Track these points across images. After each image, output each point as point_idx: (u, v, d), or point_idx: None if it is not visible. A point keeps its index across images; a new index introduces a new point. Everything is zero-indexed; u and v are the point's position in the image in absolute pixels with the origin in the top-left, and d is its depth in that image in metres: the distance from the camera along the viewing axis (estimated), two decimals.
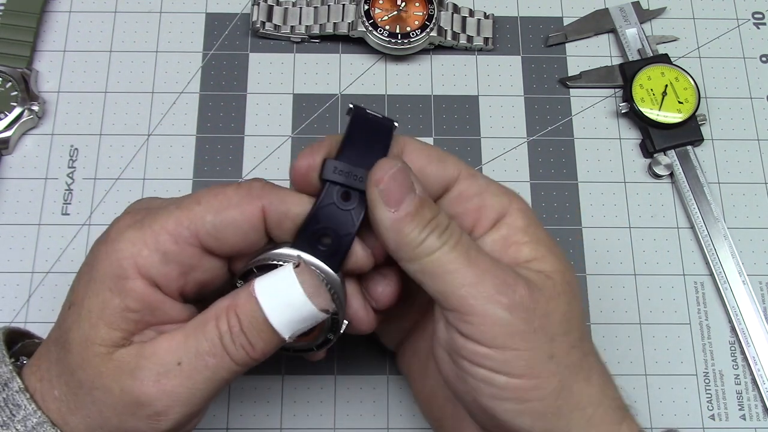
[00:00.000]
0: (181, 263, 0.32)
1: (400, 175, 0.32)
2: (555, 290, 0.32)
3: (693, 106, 0.49)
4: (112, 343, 0.31)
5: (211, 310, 0.32)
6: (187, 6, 0.52)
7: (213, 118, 0.50)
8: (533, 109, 0.51)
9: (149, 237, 0.32)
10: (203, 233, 0.32)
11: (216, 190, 0.33)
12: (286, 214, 0.33)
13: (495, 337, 0.31)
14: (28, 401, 0.31)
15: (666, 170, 0.49)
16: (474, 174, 0.35)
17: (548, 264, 0.33)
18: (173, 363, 0.31)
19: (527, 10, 0.53)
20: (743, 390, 0.45)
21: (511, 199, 0.34)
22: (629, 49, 0.51)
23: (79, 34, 0.51)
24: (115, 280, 0.31)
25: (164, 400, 0.31)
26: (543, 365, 0.31)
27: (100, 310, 0.31)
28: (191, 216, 0.32)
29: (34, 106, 0.48)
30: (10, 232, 0.47)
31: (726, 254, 0.47)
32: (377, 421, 0.44)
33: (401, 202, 0.32)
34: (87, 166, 0.48)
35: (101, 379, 0.31)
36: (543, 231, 0.34)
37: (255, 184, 0.33)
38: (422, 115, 0.50)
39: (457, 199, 0.34)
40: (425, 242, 0.31)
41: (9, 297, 0.45)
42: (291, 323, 0.32)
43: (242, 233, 0.32)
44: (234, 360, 0.32)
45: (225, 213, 0.32)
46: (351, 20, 0.50)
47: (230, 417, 0.43)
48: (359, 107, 0.35)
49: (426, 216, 0.32)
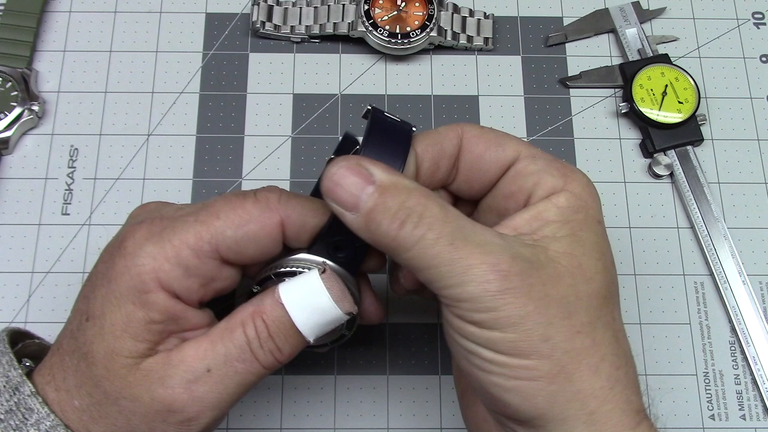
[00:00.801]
0: (202, 276, 0.33)
1: (345, 176, 0.31)
2: (557, 271, 0.31)
3: (693, 106, 0.49)
4: (138, 354, 0.32)
5: (235, 316, 0.33)
6: (187, 6, 0.52)
7: (213, 118, 0.50)
8: (533, 109, 0.51)
9: (170, 251, 0.32)
10: (224, 248, 0.32)
11: (234, 203, 0.33)
12: (304, 227, 0.33)
13: (483, 321, 0.30)
14: (41, 405, 0.31)
15: (666, 170, 0.49)
16: (534, 155, 0.34)
17: (560, 245, 0.32)
18: (202, 370, 0.32)
19: (527, 10, 0.53)
20: (743, 390, 0.45)
21: (567, 181, 0.33)
22: (629, 49, 0.51)
23: (79, 34, 0.51)
24: (137, 294, 0.32)
25: (196, 407, 0.32)
26: (535, 348, 0.30)
27: (124, 323, 0.32)
28: (211, 231, 0.32)
29: (34, 106, 0.48)
30: (10, 232, 0.47)
31: (726, 254, 0.47)
32: (377, 421, 0.44)
33: (358, 201, 0.31)
34: (87, 166, 0.48)
35: (129, 389, 0.31)
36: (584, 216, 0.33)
37: (272, 197, 0.33)
38: (422, 115, 0.50)
39: (513, 178, 0.34)
40: (400, 234, 0.30)
41: (9, 297, 0.45)
42: (317, 327, 0.33)
43: (262, 246, 0.33)
44: (262, 364, 0.32)
45: (245, 228, 0.33)
46: (351, 20, 0.50)
47: (230, 417, 0.43)
48: (377, 110, 0.34)
49: (390, 206, 0.30)
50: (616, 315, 0.33)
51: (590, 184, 0.34)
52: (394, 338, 0.45)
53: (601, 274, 0.32)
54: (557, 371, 0.30)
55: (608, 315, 0.32)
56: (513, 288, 0.30)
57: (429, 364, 0.45)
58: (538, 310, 0.30)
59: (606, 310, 0.32)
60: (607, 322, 0.32)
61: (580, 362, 0.30)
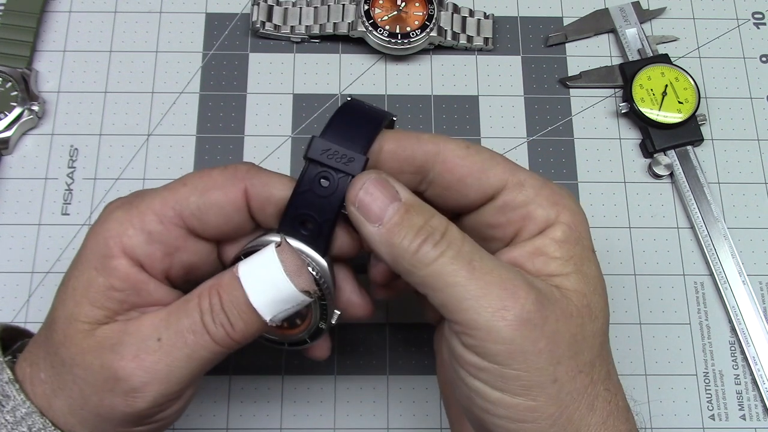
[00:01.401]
0: (166, 243, 0.32)
1: (375, 187, 0.31)
2: (569, 309, 0.31)
3: (693, 106, 0.49)
4: (95, 320, 0.31)
5: (195, 290, 0.32)
6: (187, 6, 0.52)
7: (213, 118, 0.50)
8: (533, 109, 0.51)
9: (135, 217, 0.32)
10: (187, 214, 0.32)
11: (202, 172, 0.33)
12: (269, 198, 0.33)
13: (496, 354, 0.29)
14: (17, 392, 0.31)
15: (666, 170, 0.49)
16: (521, 182, 0.33)
17: (570, 282, 0.31)
18: (153, 338, 0.31)
19: (527, 10, 0.53)
20: (743, 390, 0.45)
21: (560, 212, 0.33)
22: (629, 49, 0.51)
23: (79, 34, 0.51)
24: (100, 259, 0.32)
25: (142, 376, 0.31)
26: (543, 389, 0.30)
27: (84, 288, 0.32)
28: (176, 197, 0.32)
29: (34, 106, 0.48)
30: (10, 232, 0.47)
31: (726, 254, 0.47)
32: (377, 421, 0.44)
33: (383, 214, 0.31)
34: (87, 166, 0.48)
35: (83, 355, 0.31)
36: (581, 249, 0.32)
37: (241, 167, 0.33)
38: (422, 115, 0.50)
39: (501, 210, 0.33)
40: (420, 252, 0.30)
41: (9, 297, 0.45)
42: (272, 304, 0.31)
43: (226, 215, 0.33)
44: (214, 339, 0.31)
45: (209, 194, 0.32)
46: (351, 20, 0.50)
47: (230, 417, 0.43)
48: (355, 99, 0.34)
49: (415, 222, 0.31)
50: (608, 349, 0.33)
51: (579, 209, 0.33)
52: (394, 338, 0.45)
53: (603, 311, 0.32)
54: (559, 413, 0.30)
55: (605, 350, 0.32)
56: (529, 320, 0.29)
57: (429, 364, 0.45)
58: (549, 347, 0.30)
59: (604, 346, 0.32)
60: (604, 358, 0.32)
61: (580, 402, 0.30)
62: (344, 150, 0.32)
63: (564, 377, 0.30)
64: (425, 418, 0.44)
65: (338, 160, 0.32)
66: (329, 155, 0.32)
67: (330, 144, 0.32)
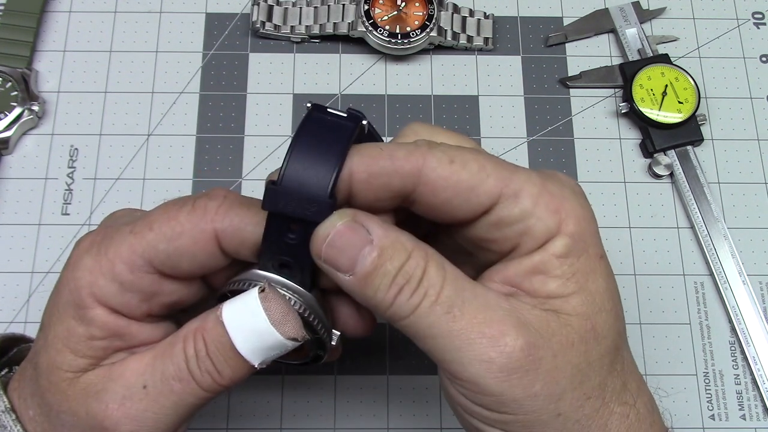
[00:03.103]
0: (140, 291, 0.30)
1: (342, 237, 0.28)
2: (569, 339, 0.28)
3: (693, 106, 0.49)
4: (79, 368, 0.30)
5: (180, 331, 0.31)
6: (187, 6, 0.52)
7: (213, 118, 0.50)
8: (533, 109, 0.51)
9: (105, 266, 0.30)
10: (157, 262, 0.30)
11: (170, 214, 0.30)
12: (242, 242, 0.30)
13: (489, 404, 0.28)
14: (14, 422, 0.31)
15: (666, 170, 0.49)
16: (516, 192, 0.29)
17: (572, 305, 0.29)
18: (139, 386, 0.30)
19: (527, 10, 0.53)
20: (743, 390, 0.45)
21: (562, 221, 0.29)
22: (629, 49, 0.51)
23: (79, 34, 0.51)
24: (76, 308, 0.30)
25: (129, 425, 0.30)
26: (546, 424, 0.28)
27: (65, 337, 0.30)
28: (143, 244, 0.30)
29: (34, 106, 0.48)
30: (10, 232, 0.47)
31: (726, 254, 0.47)
32: (377, 421, 0.44)
33: (354, 264, 0.28)
34: (87, 166, 0.48)
35: (68, 402, 0.30)
36: (585, 261, 0.30)
37: (210, 206, 0.30)
38: (422, 115, 0.50)
39: (495, 226, 0.30)
40: (395, 303, 0.28)
41: (9, 297, 0.45)
42: (259, 351, 0.30)
43: (197, 261, 0.30)
44: (200, 386, 0.30)
45: (177, 242, 0.30)
46: (351, 20, 0.50)
47: (230, 417, 0.43)
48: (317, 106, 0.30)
49: (389, 270, 0.28)
50: (625, 355, 0.31)
51: (585, 210, 0.30)
52: (394, 338, 0.45)
53: (613, 328, 0.30)
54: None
55: (619, 364, 0.30)
56: (518, 368, 0.27)
57: (429, 364, 0.45)
58: (548, 387, 0.28)
59: (617, 361, 0.30)
60: (618, 372, 0.30)
61: (590, 427, 0.29)
62: (306, 193, 0.28)
63: (569, 409, 0.28)
64: (425, 418, 0.44)
65: (301, 206, 0.28)
66: (288, 202, 0.28)
67: (288, 189, 0.28)
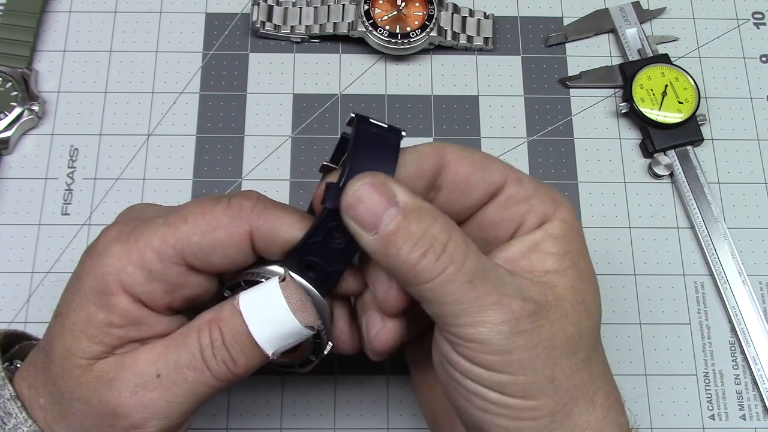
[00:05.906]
0: (166, 281, 0.31)
1: (370, 193, 0.29)
2: (564, 311, 0.31)
3: (693, 106, 0.49)
4: (93, 356, 0.31)
5: (194, 322, 0.32)
6: (187, 6, 0.52)
7: (213, 118, 0.50)
8: (533, 109, 0.51)
9: (134, 254, 0.31)
10: (188, 254, 0.31)
11: (205, 208, 0.31)
12: (275, 241, 0.31)
13: (493, 364, 0.30)
14: (19, 410, 0.31)
15: (666, 170, 0.49)
16: (521, 178, 0.33)
17: (565, 279, 0.31)
18: (152, 374, 0.30)
19: (527, 10, 0.53)
20: (743, 390, 0.45)
21: (557, 207, 0.33)
22: (629, 49, 0.51)
23: (79, 34, 0.51)
24: (99, 294, 0.31)
25: (141, 413, 0.30)
26: (541, 389, 0.30)
27: (83, 323, 0.31)
28: (177, 235, 0.31)
29: (34, 106, 0.48)
30: (10, 232, 0.47)
31: (726, 254, 0.47)
32: (377, 421, 0.44)
33: (379, 222, 0.29)
34: (87, 166, 0.48)
35: (80, 390, 0.31)
36: (577, 245, 0.33)
37: (246, 204, 0.31)
38: (422, 115, 0.50)
39: (504, 204, 0.33)
40: (420, 265, 0.29)
41: (9, 297, 0.45)
42: (275, 339, 0.31)
43: (229, 255, 0.31)
44: (214, 375, 0.31)
45: (211, 235, 0.31)
46: (351, 20, 0.50)
47: (230, 417, 0.43)
48: (362, 117, 0.32)
49: (414, 232, 0.29)
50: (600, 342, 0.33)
51: (574, 210, 0.34)
52: None
53: (598, 306, 0.32)
54: (558, 409, 0.30)
55: (600, 345, 0.33)
56: (524, 331, 0.29)
57: None
58: (546, 351, 0.30)
59: (598, 342, 0.33)
60: (600, 353, 0.32)
61: (579, 398, 0.31)
62: None
63: (561, 376, 0.30)
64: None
65: None
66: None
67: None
